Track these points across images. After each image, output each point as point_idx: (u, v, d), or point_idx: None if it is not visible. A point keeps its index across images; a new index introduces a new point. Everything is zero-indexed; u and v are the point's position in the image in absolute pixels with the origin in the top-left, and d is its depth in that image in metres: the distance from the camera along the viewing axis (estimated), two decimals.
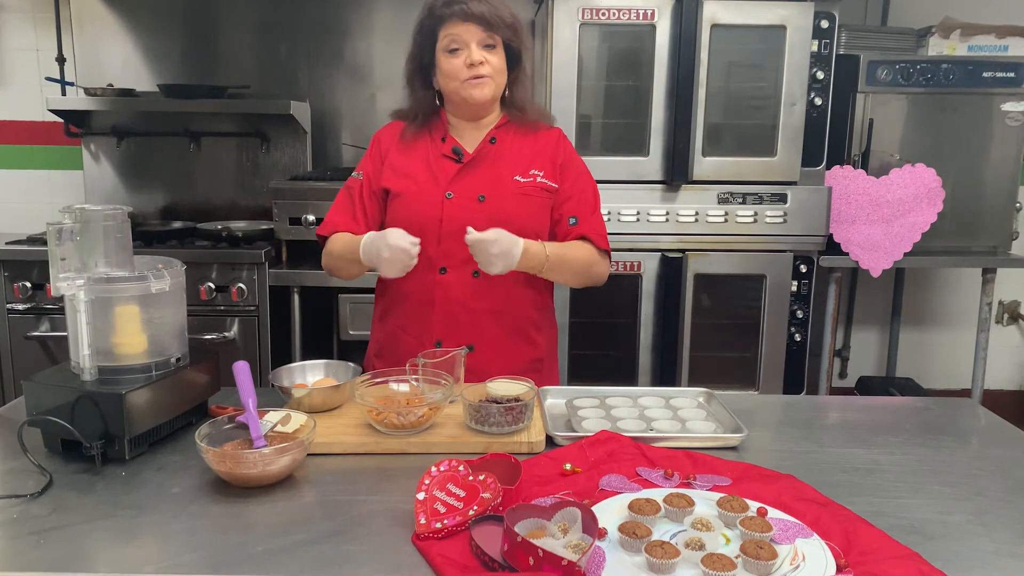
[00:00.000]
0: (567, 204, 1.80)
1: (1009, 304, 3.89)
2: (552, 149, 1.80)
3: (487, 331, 1.75)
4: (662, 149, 2.73)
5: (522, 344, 1.81)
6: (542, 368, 1.85)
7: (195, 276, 2.83)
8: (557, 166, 1.80)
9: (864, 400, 2.32)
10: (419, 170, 1.76)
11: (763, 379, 2.86)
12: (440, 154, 1.77)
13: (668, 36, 2.67)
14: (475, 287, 1.73)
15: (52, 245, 1.30)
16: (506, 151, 1.78)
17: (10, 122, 3.52)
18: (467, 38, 1.66)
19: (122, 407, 1.28)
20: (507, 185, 1.75)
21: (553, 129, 1.85)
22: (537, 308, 1.84)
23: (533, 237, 1.73)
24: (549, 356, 1.89)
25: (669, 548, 1.02)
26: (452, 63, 1.68)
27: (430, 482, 1.17)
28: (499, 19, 1.66)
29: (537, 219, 1.77)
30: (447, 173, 1.75)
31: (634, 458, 1.34)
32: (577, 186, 1.81)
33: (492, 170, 1.76)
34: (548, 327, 1.89)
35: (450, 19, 1.67)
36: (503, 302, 1.75)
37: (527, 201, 1.75)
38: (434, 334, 1.75)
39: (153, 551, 1.09)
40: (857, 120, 3.06)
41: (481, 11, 1.65)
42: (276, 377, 1.60)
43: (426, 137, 1.80)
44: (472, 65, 1.66)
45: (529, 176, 1.76)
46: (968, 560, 1.08)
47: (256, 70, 3.43)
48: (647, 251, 2.78)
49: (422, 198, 1.73)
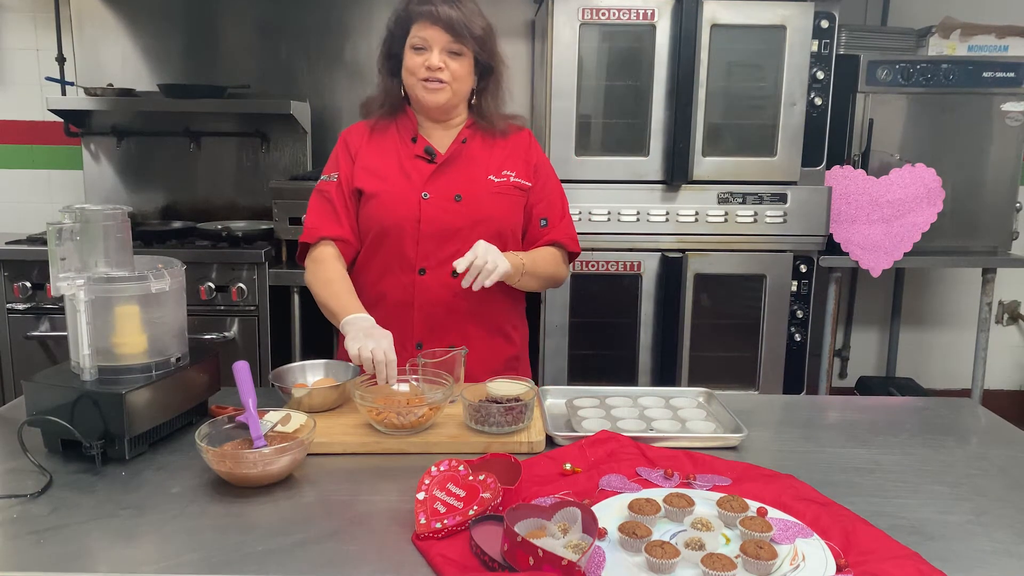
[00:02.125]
0: (539, 206, 1.82)
1: (1009, 304, 3.89)
2: (524, 150, 1.82)
3: (468, 331, 1.76)
4: (662, 149, 2.73)
5: (501, 342, 1.83)
6: (518, 366, 1.88)
7: (195, 276, 2.83)
8: (531, 166, 1.81)
9: (864, 400, 2.31)
10: (392, 171, 1.76)
11: (763, 379, 2.86)
12: (412, 154, 1.77)
13: (668, 36, 2.66)
14: (454, 287, 1.72)
15: (52, 245, 1.31)
16: (477, 152, 1.79)
17: (10, 122, 3.52)
18: (432, 41, 1.67)
19: (122, 407, 1.28)
20: (482, 184, 1.75)
21: (523, 131, 1.85)
22: (512, 306, 1.86)
23: (510, 236, 1.77)
24: (523, 353, 1.92)
25: (669, 548, 1.02)
26: (414, 60, 1.69)
27: (430, 482, 1.17)
28: (467, 29, 1.66)
29: (512, 218, 1.79)
30: (422, 173, 1.75)
31: (634, 458, 1.34)
32: (547, 188, 1.84)
33: (466, 170, 1.76)
34: (522, 324, 1.92)
35: (420, 18, 1.67)
36: (482, 301, 1.75)
37: (503, 200, 1.77)
38: (415, 335, 1.75)
39: (153, 551, 1.09)
40: (857, 120, 3.06)
41: (450, 16, 1.65)
42: (276, 377, 1.60)
43: (395, 136, 1.79)
44: (430, 68, 1.67)
45: (503, 176, 1.77)
46: (968, 560, 1.08)
47: (256, 70, 3.43)
48: (647, 251, 2.78)
49: (398, 199, 1.73)
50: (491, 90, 1.78)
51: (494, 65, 1.76)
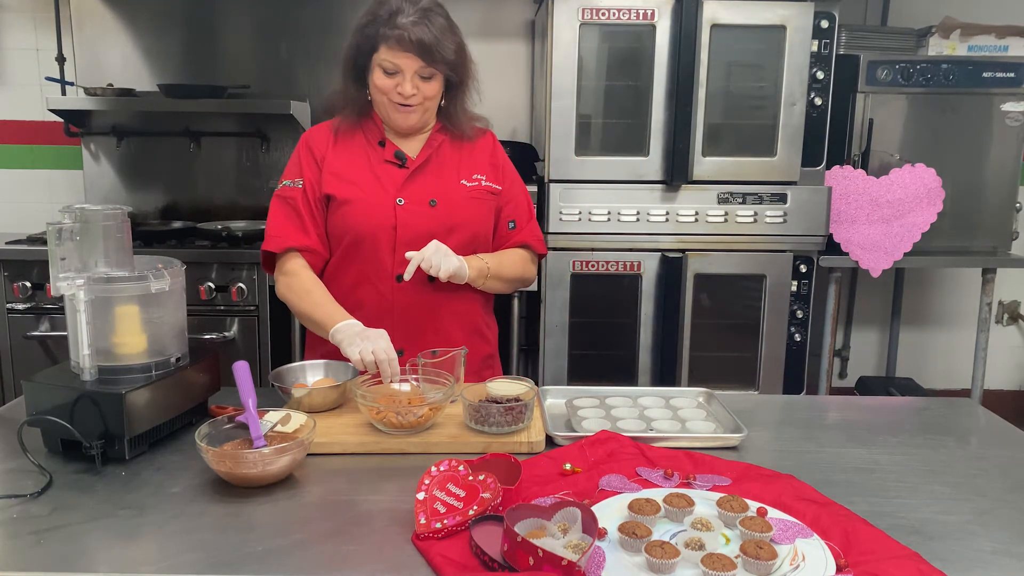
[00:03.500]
0: (506, 208, 1.82)
1: (1009, 304, 3.89)
2: (490, 153, 1.82)
3: (449, 333, 1.75)
4: (662, 149, 2.73)
5: (478, 341, 1.83)
6: (493, 362, 1.89)
7: (195, 276, 2.83)
8: (498, 168, 1.81)
9: (864, 400, 2.32)
10: (363, 176, 1.73)
11: (763, 379, 2.86)
12: (382, 159, 1.74)
13: (668, 36, 2.66)
14: (432, 291, 1.72)
15: (52, 245, 1.31)
16: (447, 157, 1.77)
17: (10, 122, 3.52)
18: (403, 67, 1.63)
19: (122, 407, 1.28)
20: (456, 190, 1.74)
21: (487, 133, 1.84)
22: (486, 306, 1.87)
23: (484, 239, 1.78)
24: (496, 350, 1.93)
25: (669, 548, 1.02)
26: (384, 82, 1.66)
27: (430, 482, 1.17)
28: (440, 54, 1.62)
29: (485, 221, 1.78)
30: (395, 179, 1.72)
31: (634, 458, 1.34)
32: (513, 190, 1.84)
33: (439, 175, 1.75)
34: (493, 322, 1.93)
35: (389, 41, 1.61)
36: (459, 303, 1.76)
37: (477, 204, 1.76)
38: (396, 343, 1.59)
39: (153, 551, 1.09)
40: (857, 120, 3.06)
41: (422, 41, 1.59)
42: (276, 377, 1.60)
43: (361, 139, 1.76)
44: (402, 95, 1.65)
45: (474, 180, 1.77)
46: (967, 560, 1.08)
47: (256, 70, 3.43)
48: (647, 251, 2.78)
49: (373, 205, 1.70)
50: (460, 98, 1.75)
51: (464, 79, 1.73)
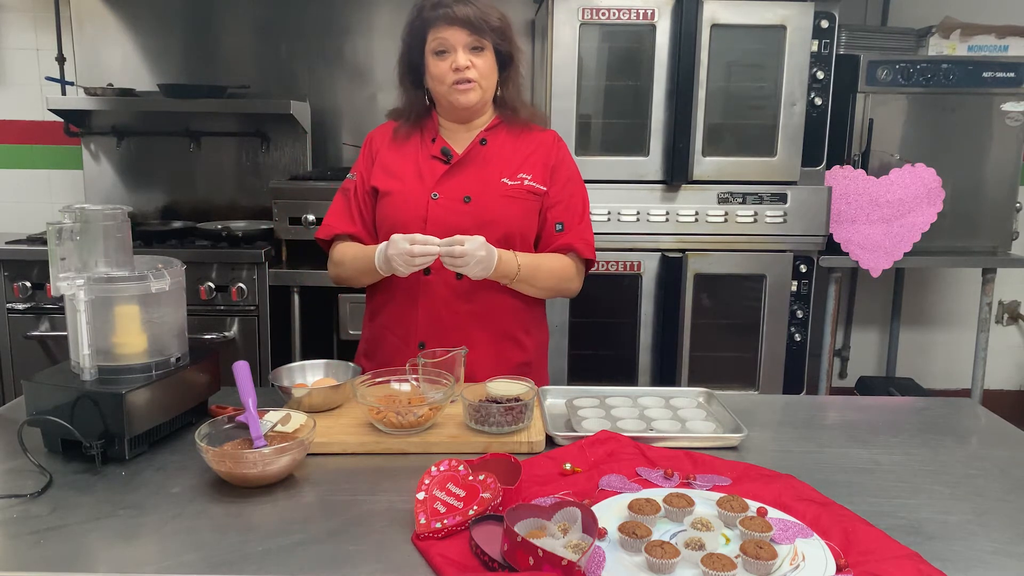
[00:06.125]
0: (554, 209, 1.79)
1: (1009, 304, 3.89)
2: (545, 152, 1.80)
3: (472, 334, 1.74)
4: (662, 149, 2.73)
5: (509, 348, 1.80)
6: (530, 372, 1.82)
7: (195, 276, 2.83)
8: (549, 169, 1.79)
9: (864, 400, 2.31)
10: (407, 170, 1.77)
11: (763, 379, 2.86)
12: (429, 155, 1.77)
13: (668, 36, 2.66)
14: (459, 289, 1.72)
15: (52, 245, 1.31)
16: (496, 153, 1.77)
17: (10, 122, 3.52)
18: (454, 42, 1.67)
19: (122, 407, 1.28)
20: (494, 187, 1.74)
21: (548, 131, 1.84)
22: (525, 311, 1.81)
23: (518, 240, 1.75)
24: (538, 359, 1.87)
25: (669, 548, 1.02)
26: (439, 66, 1.69)
27: (430, 482, 1.17)
28: (485, 23, 1.66)
29: (523, 222, 1.76)
30: (434, 174, 1.75)
31: (634, 458, 1.34)
32: (566, 191, 1.80)
33: (480, 171, 1.75)
34: (537, 330, 1.87)
35: (437, 22, 1.67)
36: (488, 305, 1.74)
37: (513, 204, 1.75)
38: (418, 335, 1.75)
39: (153, 551, 1.09)
40: (857, 120, 3.06)
41: (467, 15, 1.65)
42: (276, 377, 1.60)
43: (417, 137, 1.80)
44: (458, 69, 1.67)
45: (517, 179, 1.76)
46: (967, 560, 1.08)
47: (256, 70, 3.43)
48: (647, 251, 2.78)
49: (408, 198, 1.74)
50: (513, 79, 1.78)
51: (513, 54, 1.75)
